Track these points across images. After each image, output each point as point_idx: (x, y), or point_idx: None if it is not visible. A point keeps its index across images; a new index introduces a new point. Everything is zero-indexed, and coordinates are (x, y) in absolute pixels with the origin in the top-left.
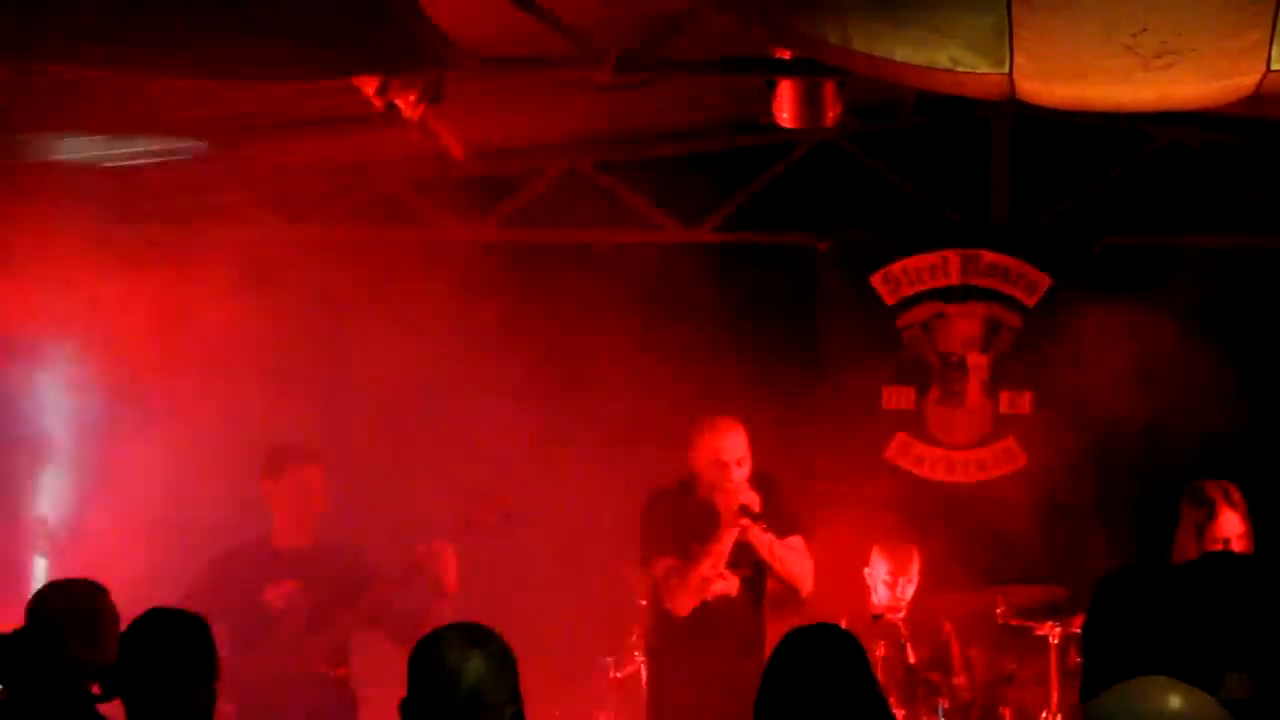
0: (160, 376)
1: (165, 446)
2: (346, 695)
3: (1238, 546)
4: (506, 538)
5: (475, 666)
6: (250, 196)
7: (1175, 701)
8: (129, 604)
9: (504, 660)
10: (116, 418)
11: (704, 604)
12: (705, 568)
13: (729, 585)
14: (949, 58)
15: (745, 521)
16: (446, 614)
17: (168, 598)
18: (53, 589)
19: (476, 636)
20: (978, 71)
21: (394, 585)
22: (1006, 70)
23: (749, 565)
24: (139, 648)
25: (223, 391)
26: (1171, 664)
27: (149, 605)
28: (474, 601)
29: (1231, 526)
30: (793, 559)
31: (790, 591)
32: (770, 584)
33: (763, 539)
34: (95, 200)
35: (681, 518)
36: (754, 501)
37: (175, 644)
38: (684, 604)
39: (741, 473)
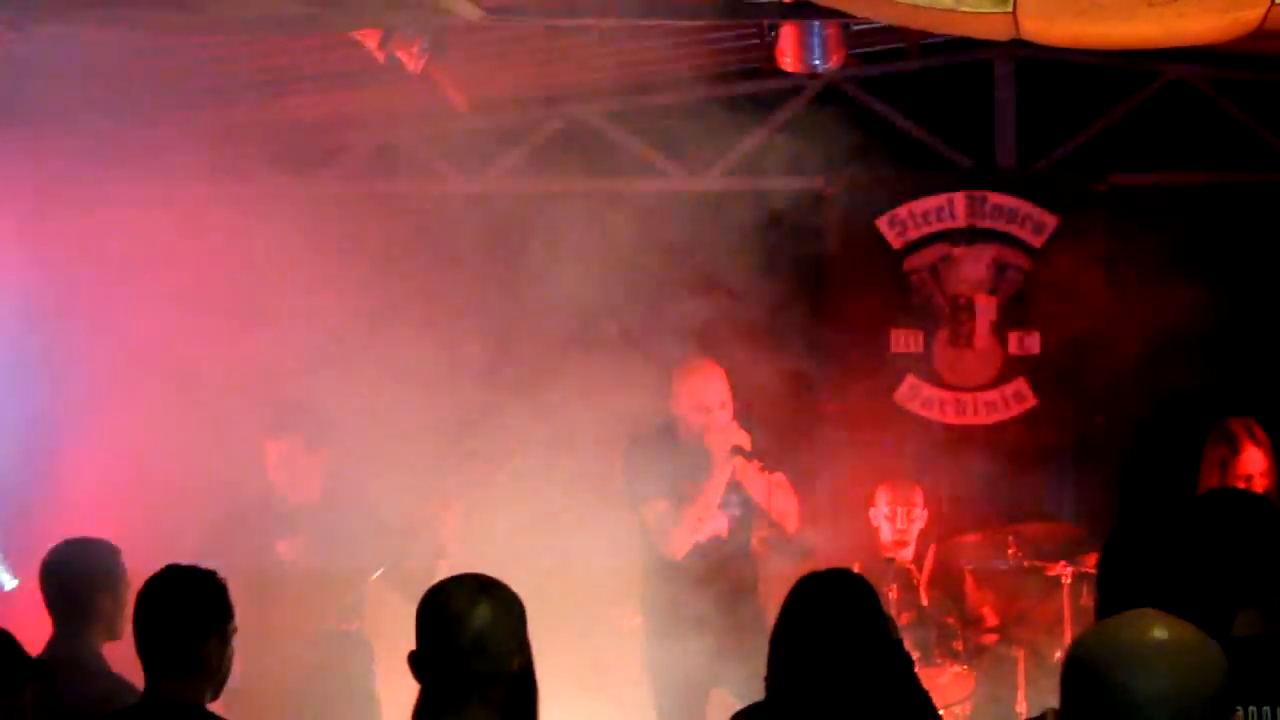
0: (159, 330)
1: (158, 401)
2: (362, 648)
3: (1261, 483)
4: (510, 493)
5: (482, 614)
6: (251, 151)
7: (1158, 632)
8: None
9: (511, 608)
10: (107, 374)
11: (697, 545)
12: (699, 507)
13: (718, 526)
14: None
15: (740, 460)
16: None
17: (172, 554)
18: (71, 545)
19: (483, 584)
20: (981, 10)
21: (402, 541)
22: (1010, 9)
23: (737, 505)
24: (156, 604)
25: (224, 345)
26: (1181, 601)
27: (151, 563)
28: (481, 555)
29: (1255, 463)
30: (780, 497)
31: (777, 529)
32: (756, 521)
33: (756, 478)
34: (98, 153)
35: (666, 462)
36: (746, 441)
37: (191, 599)
38: (679, 546)
39: (725, 414)
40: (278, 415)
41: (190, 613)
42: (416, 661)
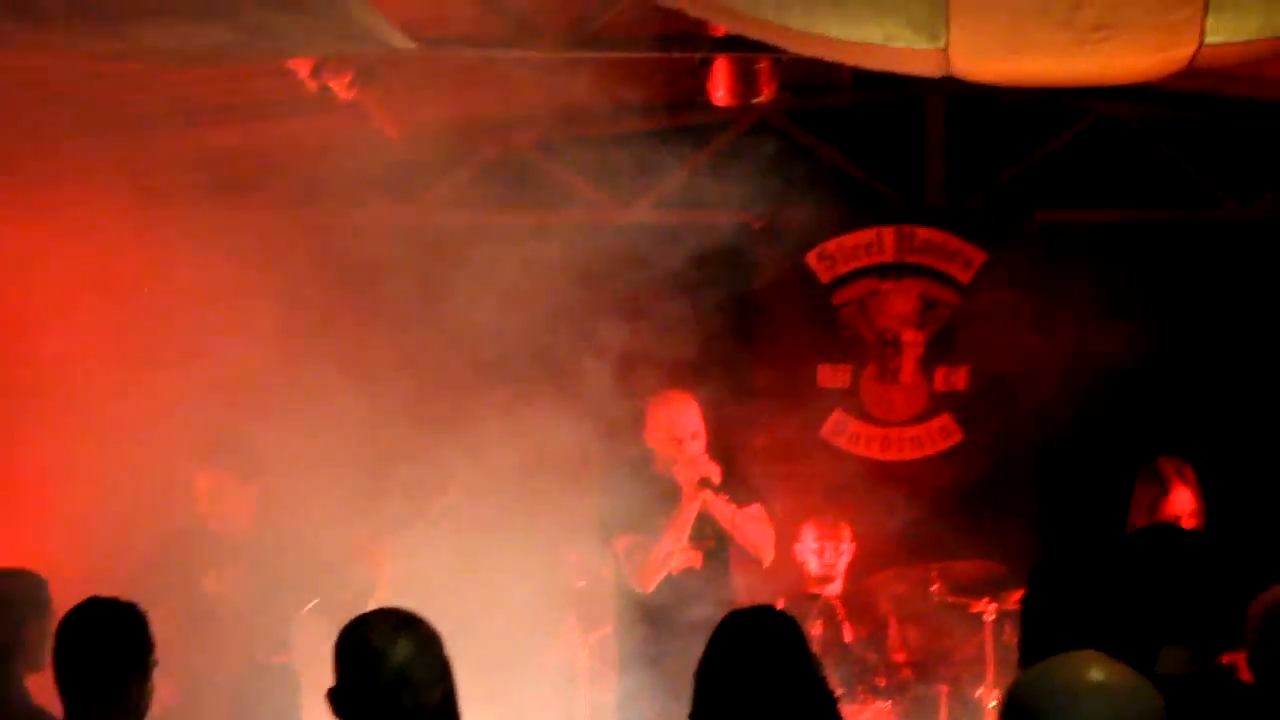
0: (76, 359)
1: (81, 434)
2: (289, 681)
3: (1189, 523)
4: (439, 529)
5: (402, 648)
6: (177, 178)
7: (1095, 674)
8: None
9: (430, 642)
10: (27, 405)
11: (669, 578)
12: (668, 542)
13: (692, 558)
14: (884, 34)
15: (706, 494)
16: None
17: (100, 585)
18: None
19: (401, 619)
20: (913, 47)
21: (334, 575)
22: (942, 46)
23: (711, 537)
24: (76, 636)
25: (141, 376)
26: (1106, 638)
27: (79, 595)
28: (411, 590)
29: (1183, 503)
30: (753, 528)
31: (752, 560)
32: (735, 555)
33: (724, 510)
34: (17, 174)
35: (639, 493)
36: (714, 473)
37: (112, 632)
38: (648, 580)
39: (697, 445)
40: (208, 446)
41: (111, 646)
42: (337, 698)
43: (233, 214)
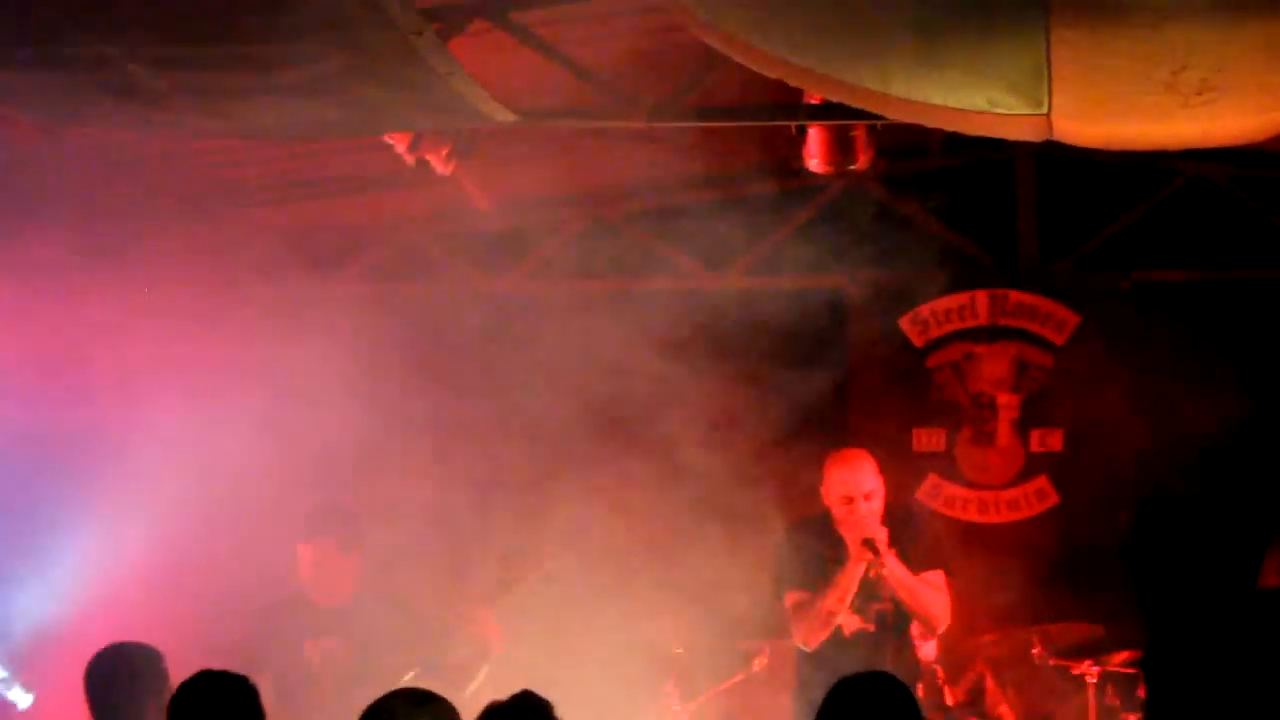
0: (181, 433)
1: (187, 506)
2: None
3: None
4: (543, 596)
5: None
6: (280, 253)
7: None
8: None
9: (450, 715)
10: (135, 477)
11: (842, 640)
12: (830, 601)
13: (865, 621)
14: (987, 100)
15: (870, 555)
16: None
17: (203, 656)
18: (116, 650)
19: (420, 698)
20: (1016, 113)
21: (435, 644)
22: (1045, 111)
23: (886, 600)
24: (190, 708)
25: (246, 448)
26: (1236, 702)
27: (183, 664)
28: (514, 656)
29: None
30: (926, 594)
31: (925, 628)
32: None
33: (894, 573)
34: (126, 254)
35: (813, 553)
36: (880, 535)
37: (224, 704)
38: (811, 638)
39: (870, 506)
40: (310, 518)
41: (224, 718)
42: None
43: (330, 287)
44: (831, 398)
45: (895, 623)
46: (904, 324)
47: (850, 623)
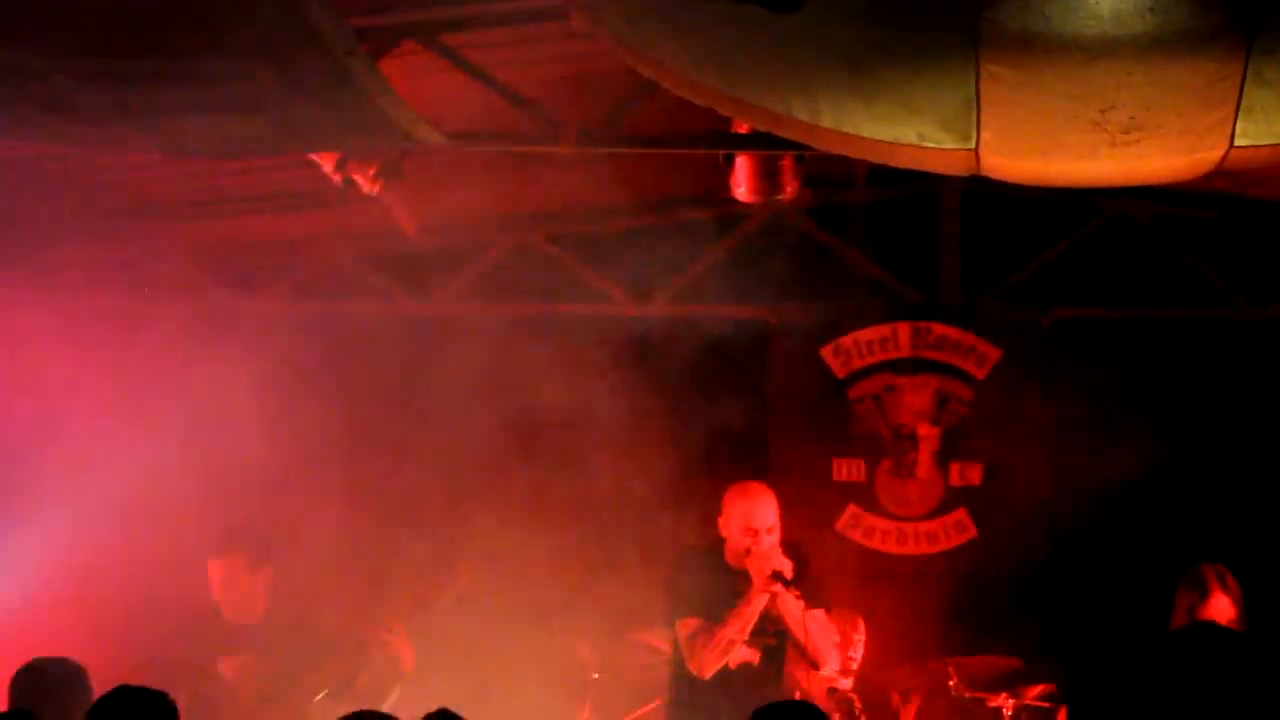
0: (93, 445)
1: (97, 520)
2: None
3: None
4: (457, 617)
5: None
6: (201, 269)
7: None
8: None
9: None
10: (45, 488)
11: (726, 670)
12: (732, 630)
13: (751, 653)
14: (916, 134)
15: (778, 587)
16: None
17: (116, 670)
18: (42, 665)
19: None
20: (944, 147)
21: (349, 662)
22: (973, 146)
23: (773, 635)
24: None
25: (156, 462)
26: None
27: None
28: (429, 676)
29: (1223, 610)
30: (817, 630)
31: (810, 665)
32: (792, 656)
33: (793, 608)
34: (41, 266)
35: (708, 581)
36: (787, 568)
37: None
38: (708, 665)
39: (771, 539)
40: (220, 535)
41: None
42: None
43: (247, 304)
44: (753, 426)
45: (778, 656)
46: (826, 354)
47: (736, 654)
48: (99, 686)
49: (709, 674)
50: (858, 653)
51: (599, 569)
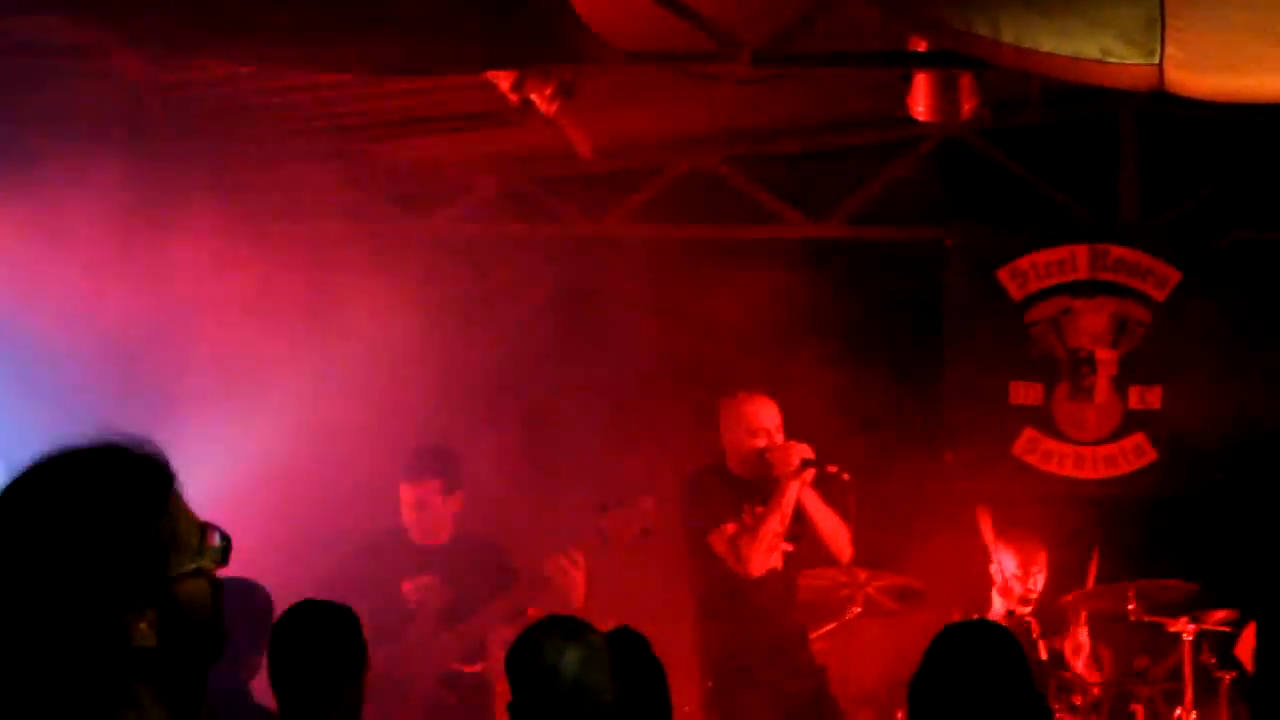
0: (293, 361)
1: (295, 437)
2: (482, 690)
3: None
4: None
5: (572, 660)
6: (380, 193)
7: None
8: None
9: (598, 648)
10: (240, 404)
11: (753, 580)
12: (774, 522)
13: (775, 559)
14: (1099, 48)
15: (809, 472)
16: None
17: (304, 586)
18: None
19: (567, 630)
20: (1127, 62)
21: (526, 591)
22: (1156, 61)
23: (793, 540)
24: (293, 640)
25: (354, 385)
26: None
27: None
28: (598, 612)
29: None
30: (833, 522)
31: (829, 558)
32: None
33: (814, 500)
34: (228, 188)
35: (727, 492)
36: (810, 452)
37: (327, 635)
38: (758, 563)
39: (780, 439)
40: (415, 460)
41: (326, 649)
42: (516, 712)
43: (422, 226)
44: (927, 349)
45: (796, 564)
46: (1002, 276)
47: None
48: (282, 603)
49: (760, 571)
50: (1038, 584)
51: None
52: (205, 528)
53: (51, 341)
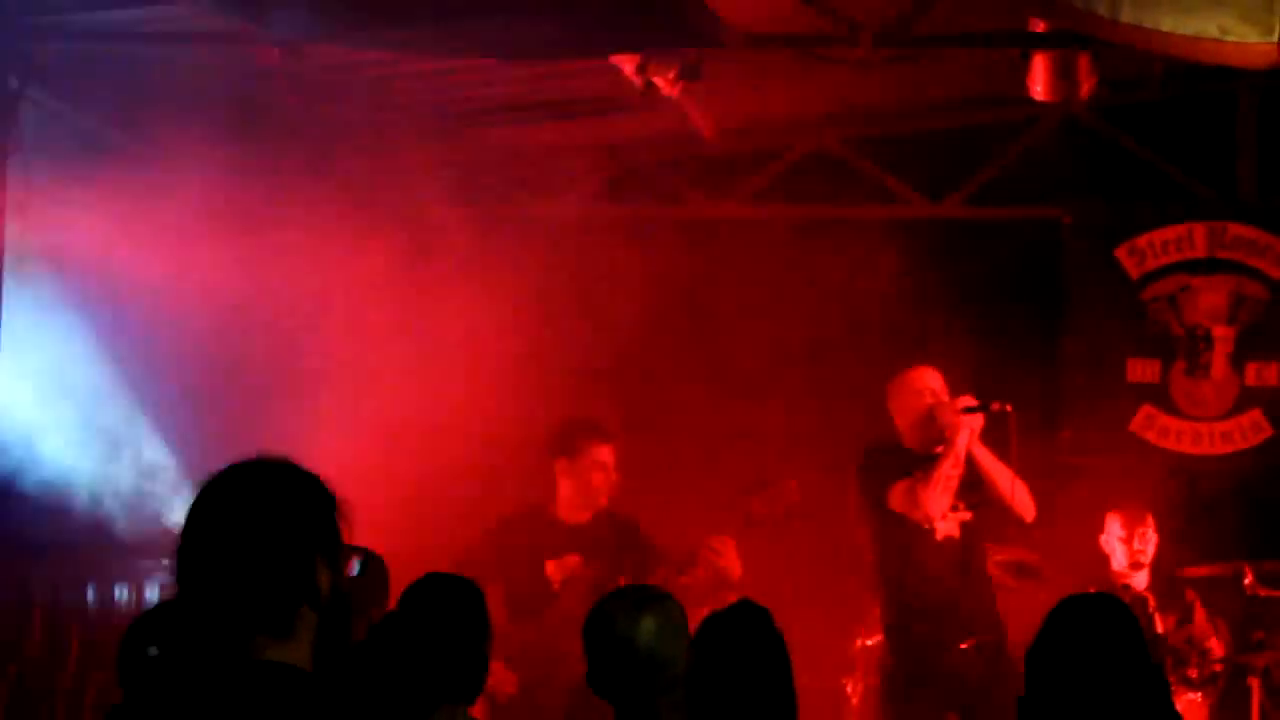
0: (433, 338)
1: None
2: None
3: None
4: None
5: (646, 630)
6: (505, 175)
7: None
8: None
9: (671, 616)
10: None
11: (933, 543)
12: (948, 465)
13: (951, 528)
14: (1218, 27)
15: (975, 417)
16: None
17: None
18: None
19: (639, 600)
20: (1246, 40)
21: (674, 570)
22: (1275, 39)
23: (969, 508)
24: (416, 610)
25: (500, 358)
26: None
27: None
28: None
29: None
30: (1008, 477)
31: (1013, 518)
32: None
33: (986, 455)
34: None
35: (902, 461)
36: (973, 400)
37: (452, 610)
38: (935, 505)
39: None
40: (560, 434)
41: (449, 622)
42: (593, 682)
43: (551, 209)
44: (1045, 326)
45: (976, 533)
46: (1120, 254)
47: (939, 529)
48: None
49: (939, 514)
50: (1146, 545)
51: None
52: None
53: (180, 321)
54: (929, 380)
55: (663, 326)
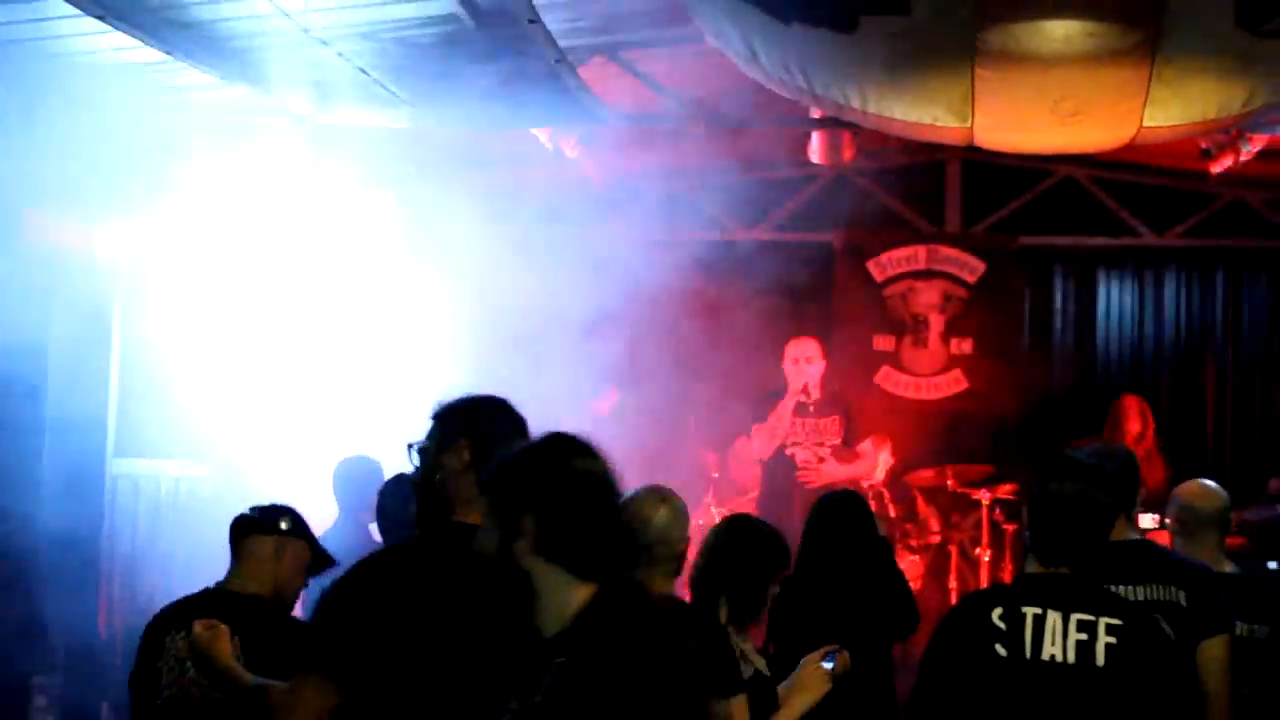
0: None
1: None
2: None
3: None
4: None
5: (663, 516)
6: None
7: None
8: None
9: (682, 511)
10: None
11: (790, 463)
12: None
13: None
14: (931, 116)
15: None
16: None
17: None
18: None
19: (662, 495)
20: (950, 125)
21: None
22: (969, 125)
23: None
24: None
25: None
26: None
27: None
28: None
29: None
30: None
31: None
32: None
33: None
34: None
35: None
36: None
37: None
38: (768, 447)
39: (811, 367)
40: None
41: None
42: None
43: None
44: (821, 315)
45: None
46: (870, 266)
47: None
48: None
49: (768, 455)
50: (886, 461)
51: None
52: None
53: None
54: (804, 351)
55: None
